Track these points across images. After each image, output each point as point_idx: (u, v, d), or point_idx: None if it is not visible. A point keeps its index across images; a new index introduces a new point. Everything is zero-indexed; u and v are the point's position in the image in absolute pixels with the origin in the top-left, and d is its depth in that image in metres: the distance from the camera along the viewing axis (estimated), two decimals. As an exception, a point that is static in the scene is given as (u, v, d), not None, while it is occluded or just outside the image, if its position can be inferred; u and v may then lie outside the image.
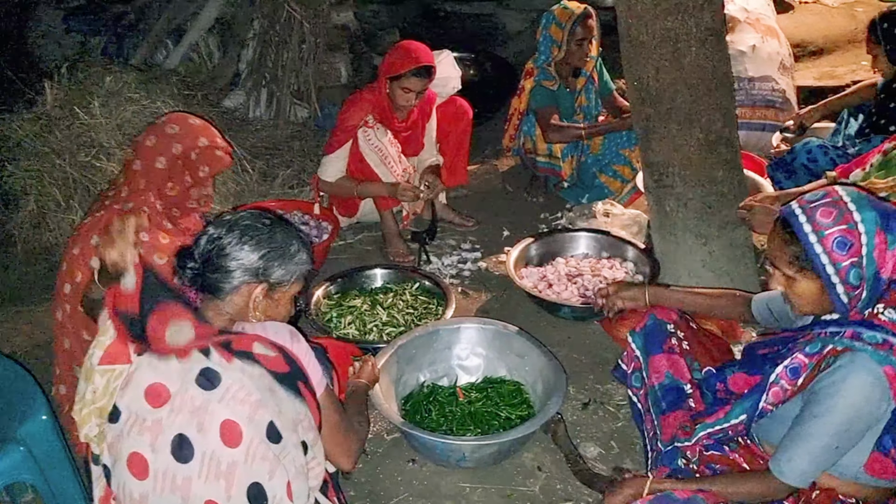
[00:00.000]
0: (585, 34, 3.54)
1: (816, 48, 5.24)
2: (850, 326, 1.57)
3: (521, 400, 2.40)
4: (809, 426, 1.57)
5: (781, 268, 1.63)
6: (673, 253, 2.91)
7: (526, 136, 3.72)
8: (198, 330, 1.43)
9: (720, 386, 1.87)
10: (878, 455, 1.58)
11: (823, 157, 2.97)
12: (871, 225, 1.52)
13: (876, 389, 1.50)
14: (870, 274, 1.53)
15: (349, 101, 3.27)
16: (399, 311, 2.81)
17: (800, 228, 1.56)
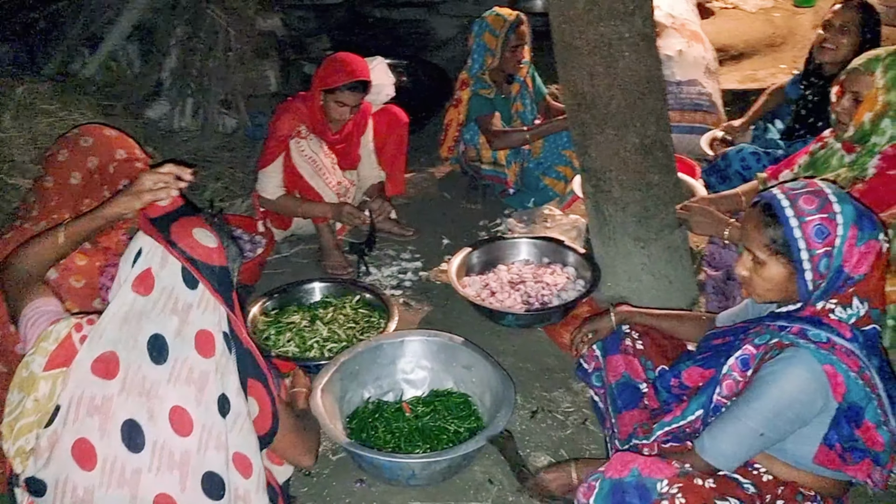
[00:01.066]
0: (519, 41, 3.54)
1: (737, 52, 5.41)
2: (798, 322, 1.61)
3: (469, 412, 2.36)
4: (739, 409, 1.61)
5: (755, 250, 1.65)
6: (612, 257, 2.93)
7: (469, 145, 3.70)
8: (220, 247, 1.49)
9: (674, 382, 1.88)
10: (824, 448, 1.61)
11: (756, 163, 3.04)
12: (849, 218, 1.56)
13: (811, 385, 1.54)
14: (835, 266, 1.57)
15: (280, 110, 3.17)
16: (340, 325, 2.73)
17: (782, 212, 1.59)
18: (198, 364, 1.41)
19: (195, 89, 4.38)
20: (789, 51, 5.47)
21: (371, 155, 3.49)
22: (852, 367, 1.55)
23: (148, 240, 1.49)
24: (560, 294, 2.90)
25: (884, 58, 2.29)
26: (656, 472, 1.57)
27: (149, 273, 1.45)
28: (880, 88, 2.27)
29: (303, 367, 2.41)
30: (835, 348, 1.56)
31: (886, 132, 2.30)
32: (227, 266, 1.50)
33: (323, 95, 3.09)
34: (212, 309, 1.47)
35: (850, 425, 1.58)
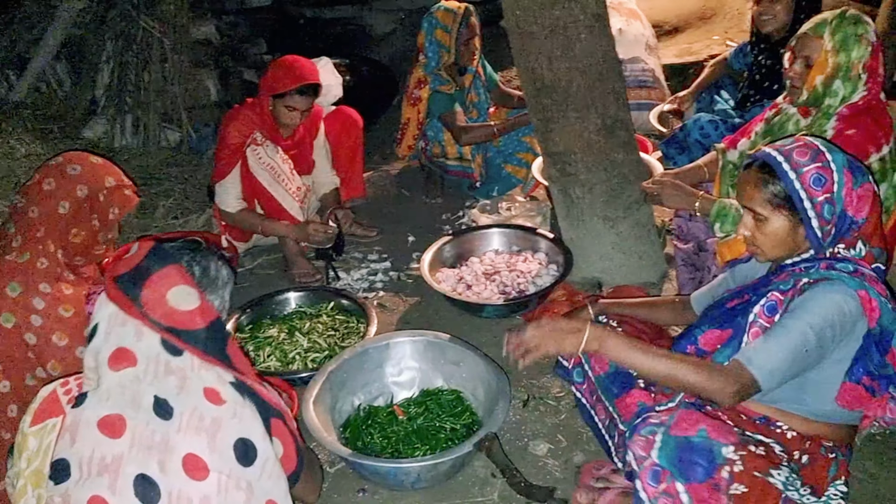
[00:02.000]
0: (471, 33, 3.54)
1: (672, 27, 5.52)
2: (823, 261, 1.66)
3: (463, 408, 2.33)
4: (785, 323, 1.60)
5: (756, 208, 1.69)
6: (582, 239, 2.95)
7: (433, 142, 3.66)
8: (203, 304, 1.33)
9: (690, 348, 1.85)
10: (850, 385, 1.64)
11: (714, 130, 3.10)
12: (841, 164, 1.63)
13: (849, 306, 1.58)
14: (839, 210, 1.63)
15: (229, 119, 3.07)
16: (320, 334, 2.68)
17: (779, 166, 1.65)
18: (209, 412, 1.32)
19: (133, 105, 4.23)
20: (720, 22, 5.60)
21: (325, 159, 3.43)
22: (882, 292, 1.62)
23: (112, 312, 1.34)
24: (535, 281, 2.90)
25: (830, 21, 2.35)
26: (724, 437, 1.55)
27: (124, 350, 1.32)
28: (829, 51, 2.33)
29: (288, 380, 2.36)
30: (865, 276, 1.62)
31: (839, 93, 2.35)
32: (216, 319, 1.37)
33: (272, 101, 3.01)
34: (206, 369, 1.36)
35: (880, 352, 1.63)
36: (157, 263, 1.34)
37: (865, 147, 2.31)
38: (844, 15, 2.31)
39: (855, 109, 2.33)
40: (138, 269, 1.34)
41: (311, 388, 2.22)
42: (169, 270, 1.34)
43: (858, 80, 2.31)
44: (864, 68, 2.29)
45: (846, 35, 2.28)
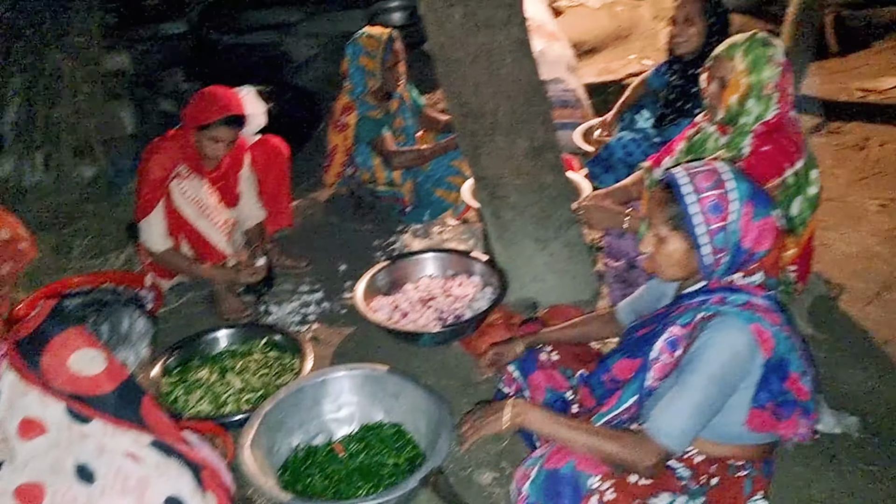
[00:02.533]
0: (395, 59, 3.53)
1: (590, 47, 5.66)
2: (716, 293, 1.67)
3: (405, 442, 2.29)
4: (683, 381, 1.61)
5: (657, 226, 1.71)
6: (515, 260, 2.96)
7: (362, 168, 3.61)
8: (111, 365, 1.27)
9: (606, 377, 1.90)
10: (757, 410, 1.67)
11: (637, 149, 3.17)
12: (743, 195, 1.63)
13: (744, 344, 1.60)
14: (734, 241, 1.63)
15: (150, 153, 2.95)
16: (253, 373, 2.59)
17: (679, 189, 1.66)
18: (134, 472, 1.25)
19: (43, 140, 4.02)
20: (636, 41, 5.79)
21: (251, 190, 3.34)
22: (774, 322, 1.63)
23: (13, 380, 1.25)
24: (471, 305, 2.89)
25: (741, 43, 2.44)
26: (591, 468, 1.61)
27: (30, 421, 1.24)
28: (741, 72, 2.42)
29: (222, 424, 2.27)
30: (756, 307, 1.63)
31: (752, 112, 2.45)
32: (127, 380, 1.29)
33: (196, 133, 2.92)
34: (121, 433, 1.28)
35: (779, 379, 1.65)
36: (56, 327, 1.26)
37: (780, 162, 2.41)
38: (755, 37, 2.41)
39: (769, 127, 2.43)
40: (37, 334, 1.26)
41: (247, 431, 2.14)
42: (69, 334, 1.26)
43: (770, 99, 2.41)
44: (775, 88, 2.39)
45: (757, 56, 2.38)
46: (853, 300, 2.95)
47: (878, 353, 2.66)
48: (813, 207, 2.52)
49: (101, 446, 1.24)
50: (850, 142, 4.31)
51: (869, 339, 2.73)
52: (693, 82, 3.06)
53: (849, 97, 4.78)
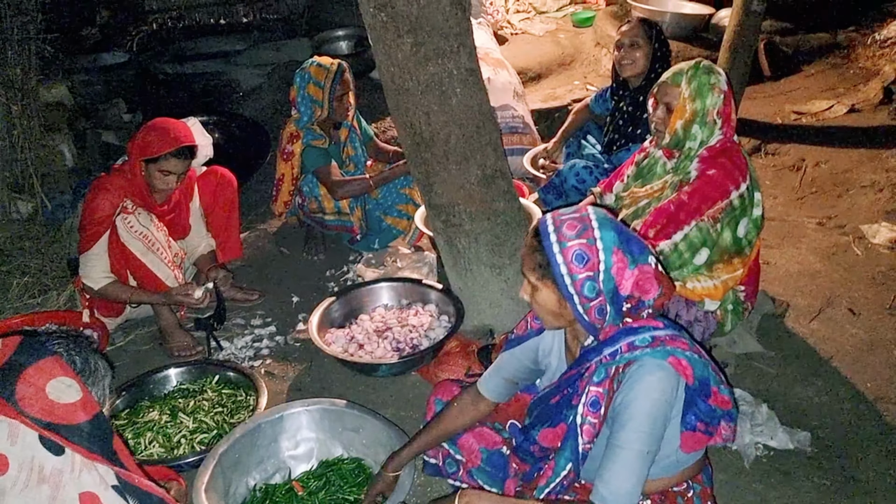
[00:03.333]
0: (344, 89, 3.51)
1: (535, 74, 5.75)
2: (621, 340, 1.62)
3: (366, 476, 2.25)
4: (617, 440, 1.59)
5: (527, 274, 1.68)
6: (471, 288, 2.95)
7: (309, 197, 3.57)
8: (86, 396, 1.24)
9: (534, 448, 1.86)
10: (688, 433, 1.68)
11: (589, 176, 3.22)
12: (610, 243, 1.59)
13: (668, 382, 1.59)
14: (608, 289, 1.59)
15: (96, 189, 2.86)
16: (206, 413, 2.51)
17: (546, 238, 1.62)
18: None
19: (-23, 176, 3.88)
20: (579, 67, 5.91)
21: (200, 222, 3.28)
22: (685, 347, 1.62)
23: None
24: (428, 334, 2.87)
25: (686, 71, 2.52)
26: None
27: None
28: (687, 98, 2.50)
29: (175, 468, 2.19)
30: (663, 340, 1.61)
31: (697, 137, 2.52)
32: (99, 412, 1.26)
33: (145, 166, 2.85)
34: (88, 469, 1.23)
35: (704, 399, 1.66)
36: (31, 357, 1.25)
37: (726, 184, 2.48)
38: (699, 65, 2.48)
39: (713, 151, 2.51)
40: (10, 364, 1.23)
41: (202, 473, 2.07)
42: (47, 363, 1.25)
43: (714, 124, 2.48)
44: (719, 114, 2.47)
45: (701, 84, 2.46)
46: (798, 317, 3.04)
47: (825, 369, 2.74)
48: (758, 228, 2.60)
49: (55, 493, 1.19)
50: (787, 163, 4.47)
51: (815, 354, 2.82)
52: (642, 108, 3.14)
53: (784, 120, 4.97)
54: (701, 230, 2.48)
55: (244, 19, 7.25)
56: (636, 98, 3.28)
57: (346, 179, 3.51)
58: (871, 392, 2.61)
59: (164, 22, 7.22)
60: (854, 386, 2.65)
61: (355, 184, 3.52)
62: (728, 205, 2.46)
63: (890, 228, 3.55)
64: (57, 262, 3.65)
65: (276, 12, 7.23)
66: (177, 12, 7.24)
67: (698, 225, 2.48)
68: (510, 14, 6.65)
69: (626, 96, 3.39)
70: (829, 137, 4.61)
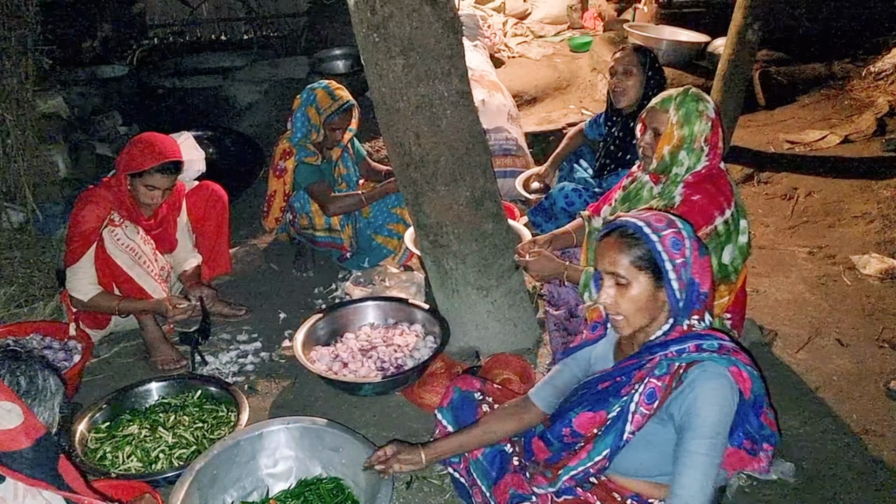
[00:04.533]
0: (342, 125, 3.50)
1: (530, 97, 5.79)
2: (690, 341, 1.68)
3: (344, 496, 2.23)
4: (691, 448, 1.61)
5: (620, 271, 1.71)
6: (458, 309, 2.95)
7: (300, 214, 3.57)
8: (28, 420, 1.16)
9: (566, 431, 1.84)
10: (733, 449, 1.70)
11: (578, 199, 3.22)
12: (690, 233, 1.73)
13: (730, 390, 1.63)
14: (687, 279, 1.69)
15: (83, 201, 2.87)
16: (186, 428, 2.49)
17: (641, 231, 1.70)
18: None
19: (-30, 184, 3.88)
20: (575, 92, 5.95)
21: (187, 237, 3.27)
22: (747, 361, 1.67)
23: None
24: (413, 354, 2.86)
25: (675, 97, 2.53)
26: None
27: None
28: (675, 124, 2.50)
29: (151, 482, 2.17)
30: (729, 349, 1.67)
31: (684, 163, 2.52)
32: (44, 435, 1.22)
33: (130, 180, 2.85)
34: (33, 495, 1.20)
35: (756, 416, 1.69)
36: None
37: (710, 210, 2.48)
38: (688, 92, 2.49)
39: (699, 177, 2.50)
40: None
41: (178, 489, 2.04)
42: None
43: (702, 151, 2.48)
44: (706, 141, 2.47)
45: (689, 111, 2.46)
46: (786, 346, 3.03)
47: (810, 399, 2.73)
48: (744, 255, 2.59)
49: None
50: (779, 191, 4.49)
51: (802, 384, 2.80)
52: (633, 134, 3.15)
53: (777, 149, 4.99)
54: None
55: (244, 36, 7.32)
56: (627, 124, 3.29)
57: (337, 196, 3.52)
58: (857, 424, 2.60)
59: (166, 37, 7.29)
60: (840, 417, 2.64)
61: (347, 200, 3.52)
62: (712, 231, 2.46)
63: (880, 259, 3.56)
64: (45, 272, 3.64)
65: (276, 30, 7.29)
66: (178, 27, 7.31)
67: None
68: (508, 37, 6.71)
69: (619, 122, 3.40)
70: (821, 167, 4.64)
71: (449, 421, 2.14)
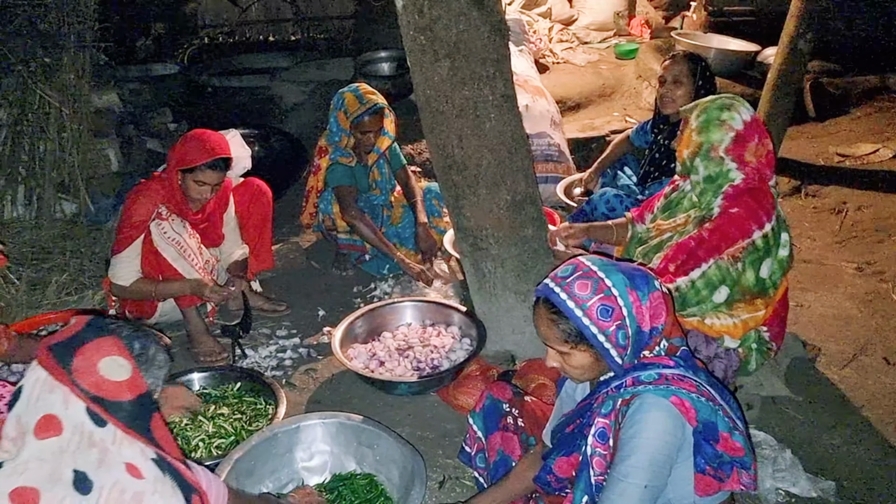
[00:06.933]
0: (371, 127, 3.48)
1: (574, 103, 5.77)
2: (627, 375, 1.64)
3: (378, 493, 2.25)
4: (616, 473, 1.59)
5: (555, 346, 1.67)
6: (495, 313, 2.95)
7: (323, 214, 3.62)
8: (134, 377, 1.35)
9: (550, 477, 1.85)
10: (699, 476, 1.65)
11: (620, 205, 3.21)
12: (623, 287, 1.60)
13: (669, 421, 1.58)
14: (633, 331, 1.61)
15: (135, 193, 2.95)
16: (226, 419, 2.54)
17: (563, 305, 1.61)
18: (131, 486, 1.30)
19: (26, 175, 4.01)
20: (619, 99, 5.91)
21: (234, 231, 3.34)
22: (690, 389, 1.60)
23: (41, 377, 1.32)
24: (449, 356, 2.87)
25: (702, 104, 2.50)
26: None
27: (51, 417, 1.30)
28: (693, 129, 2.48)
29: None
30: (669, 379, 1.61)
31: (699, 170, 2.48)
32: (145, 393, 1.36)
33: (181, 175, 2.92)
34: (128, 443, 1.33)
35: (711, 443, 1.63)
36: (93, 334, 1.36)
37: (748, 224, 2.44)
38: (716, 100, 2.46)
39: (738, 190, 2.46)
40: (74, 338, 1.35)
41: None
42: (105, 341, 1.35)
43: (722, 161, 2.43)
44: (727, 152, 2.42)
45: (709, 118, 2.43)
46: (830, 362, 2.97)
47: (854, 418, 2.67)
48: (784, 269, 2.54)
49: (103, 458, 1.30)
50: (827, 205, 4.40)
51: (846, 402, 2.75)
52: (679, 142, 3.12)
53: (827, 161, 4.89)
54: (720, 268, 2.44)
55: (292, 37, 7.43)
56: (674, 132, 3.26)
57: (360, 215, 3.49)
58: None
59: (216, 37, 7.44)
60: (884, 437, 2.57)
61: (363, 228, 3.48)
62: (750, 244, 2.42)
63: (930, 278, 3.46)
64: (95, 262, 3.74)
65: (323, 31, 7.39)
66: (228, 28, 7.46)
67: (717, 263, 2.43)
68: (553, 43, 6.69)
69: (665, 130, 3.37)
70: (872, 182, 4.53)
71: (479, 426, 2.16)
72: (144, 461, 1.34)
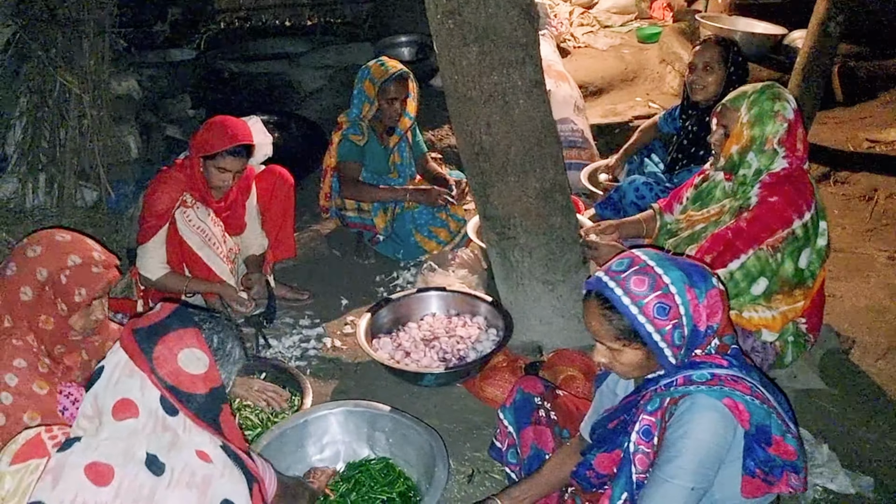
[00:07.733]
0: (397, 94, 3.49)
1: (596, 88, 5.68)
2: (678, 373, 1.58)
3: (396, 475, 2.23)
4: (662, 473, 1.55)
5: (607, 342, 1.61)
6: (522, 303, 2.91)
7: (334, 193, 3.61)
8: (210, 371, 1.37)
9: (590, 473, 1.81)
10: (747, 478, 1.60)
11: (649, 192, 3.14)
12: (681, 285, 1.54)
13: (720, 423, 1.53)
14: (689, 330, 1.55)
15: (158, 182, 2.91)
16: (252, 410, 2.51)
17: (618, 301, 1.54)
18: (200, 469, 1.34)
19: (47, 163, 3.98)
20: (642, 84, 5.81)
21: (256, 220, 3.30)
22: (745, 391, 1.55)
23: (121, 361, 1.35)
24: (475, 346, 2.83)
25: (749, 94, 2.42)
26: None
27: (128, 401, 1.33)
28: (745, 124, 2.40)
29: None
30: (722, 380, 1.55)
31: (752, 165, 2.42)
32: (218, 387, 1.39)
33: (203, 162, 2.88)
34: (198, 431, 1.37)
35: (763, 447, 1.58)
36: (177, 323, 1.38)
37: (787, 213, 2.37)
38: (764, 90, 2.38)
39: (777, 178, 2.40)
40: (158, 325, 1.37)
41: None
42: (187, 332, 1.37)
43: (774, 153, 2.37)
44: (779, 143, 2.35)
45: (762, 111, 2.35)
46: (864, 354, 2.90)
47: (891, 410, 2.60)
48: (822, 259, 2.48)
49: (175, 442, 1.33)
50: (857, 192, 4.30)
51: (882, 394, 2.68)
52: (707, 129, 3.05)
53: (856, 147, 4.79)
54: (759, 259, 2.38)
55: (309, 22, 7.36)
56: (703, 118, 3.18)
57: (361, 184, 3.53)
58: (941, 439, 2.48)
59: (232, 21, 7.38)
60: (923, 431, 2.52)
61: (363, 190, 3.52)
62: (790, 234, 2.35)
63: (966, 267, 3.38)
64: (117, 250, 3.72)
65: (341, 16, 7.31)
66: (245, 13, 7.39)
67: (756, 254, 2.38)
68: (574, 27, 6.59)
69: (694, 116, 3.29)
70: (903, 168, 4.43)
71: (510, 421, 2.12)
72: (213, 448, 1.37)
